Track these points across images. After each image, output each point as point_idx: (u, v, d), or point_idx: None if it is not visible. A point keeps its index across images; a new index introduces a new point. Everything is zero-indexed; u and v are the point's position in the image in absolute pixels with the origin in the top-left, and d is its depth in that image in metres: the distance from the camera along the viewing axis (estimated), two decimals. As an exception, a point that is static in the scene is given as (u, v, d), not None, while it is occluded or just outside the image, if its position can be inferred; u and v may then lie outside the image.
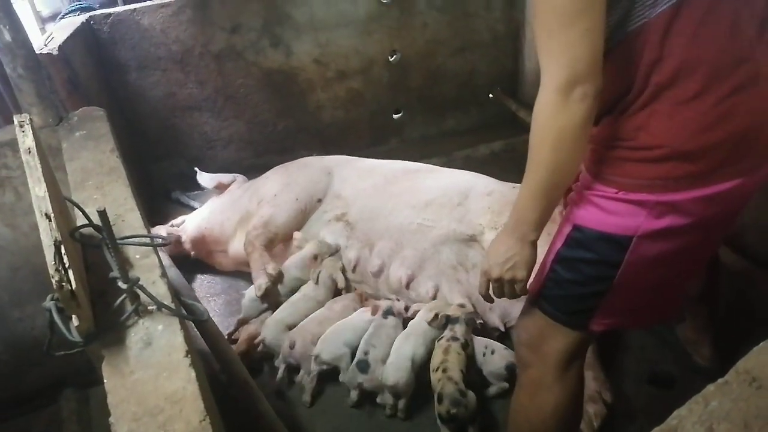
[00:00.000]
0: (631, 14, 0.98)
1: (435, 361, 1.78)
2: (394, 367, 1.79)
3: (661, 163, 1.00)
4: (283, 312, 2.07)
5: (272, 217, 2.32)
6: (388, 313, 1.97)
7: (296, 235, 2.33)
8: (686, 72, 0.97)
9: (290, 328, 2.01)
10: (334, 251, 2.25)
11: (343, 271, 2.21)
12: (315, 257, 2.22)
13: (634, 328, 1.81)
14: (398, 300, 2.07)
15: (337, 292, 2.18)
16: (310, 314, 2.06)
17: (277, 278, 2.15)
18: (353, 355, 1.88)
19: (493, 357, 1.85)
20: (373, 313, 1.99)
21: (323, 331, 1.95)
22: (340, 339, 1.91)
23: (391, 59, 3.10)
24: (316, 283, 2.14)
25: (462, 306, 1.95)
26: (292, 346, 1.91)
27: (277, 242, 2.33)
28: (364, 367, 1.82)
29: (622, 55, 1.00)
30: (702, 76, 0.97)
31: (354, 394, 1.84)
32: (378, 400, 1.83)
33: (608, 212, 1.07)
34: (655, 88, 0.99)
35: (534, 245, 1.12)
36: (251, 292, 2.13)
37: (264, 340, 1.99)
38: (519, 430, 1.35)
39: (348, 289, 2.21)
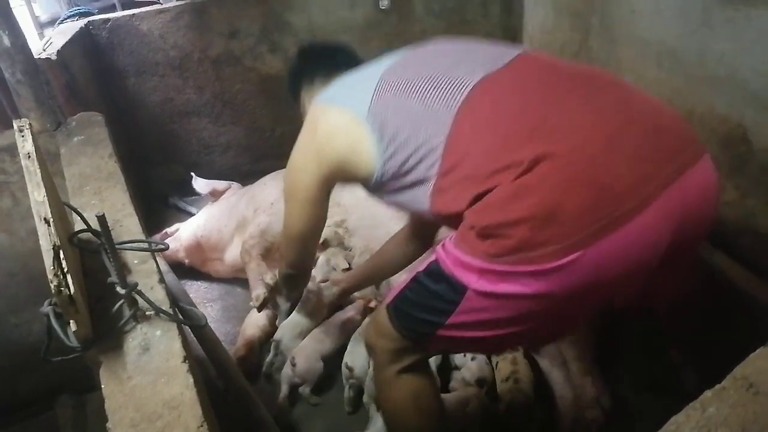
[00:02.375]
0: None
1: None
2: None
3: (482, 240, 1.05)
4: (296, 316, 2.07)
5: (269, 226, 2.31)
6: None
7: None
8: (470, 168, 1.10)
9: (304, 332, 2.02)
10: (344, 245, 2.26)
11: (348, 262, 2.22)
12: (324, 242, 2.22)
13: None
14: None
15: (338, 308, 2.16)
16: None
17: (275, 288, 2.14)
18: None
19: (472, 364, 1.82)
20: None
21: (325, 348, 1.94)
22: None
23: (389, 65, 3.10)
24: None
25: None
26: (293, 364, 1.88)
27: (275, 251, 2.33)
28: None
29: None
30: (486, 167, 1.08)
31: (346, 391, 1.83)
32: (364, 400, 1.82)
33: (455, 258, 1.11)
34: (453, 186, 1.13)
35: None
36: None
37: (281, 341, 1.98)
38: (385, 417, 1.47)
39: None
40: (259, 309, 2.05)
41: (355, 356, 1.85)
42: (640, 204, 1.00)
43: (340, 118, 1.31)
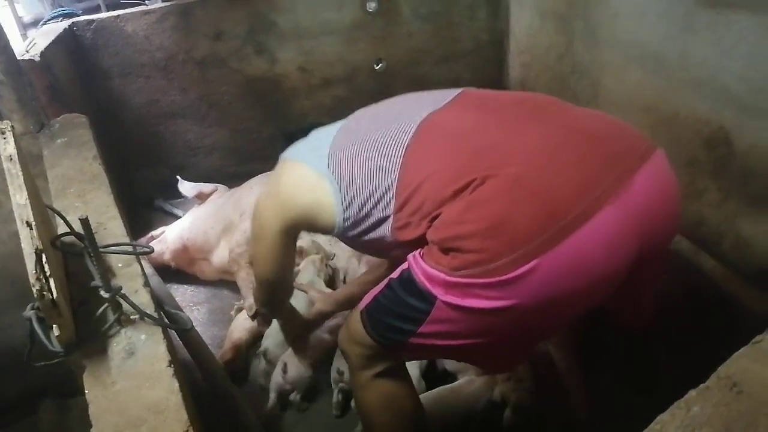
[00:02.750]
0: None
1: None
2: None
3: (444, 255, 1.09)
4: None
5: None
6: None
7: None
8: (420, 199, 1.15)
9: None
10: (325, 254, 2.24)
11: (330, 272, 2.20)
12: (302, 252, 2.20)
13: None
14: None
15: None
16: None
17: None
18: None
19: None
20: None
21: (315, 354, 1.92)
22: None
23: (376, 67, 3.11)
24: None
25: None
26: (284, 371, 1.86)
27: None
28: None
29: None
30: (432, 196, 1.13)
31: (335, 395, 1.81)
32: (353, 404, 1.81)
33: (423, 270, 1.14)
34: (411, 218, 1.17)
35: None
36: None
37: (267, 350, 1.95)
38: (361, 419, 1.51)
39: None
40: (253, 318, 2.05)
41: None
42: (589, 209, 1.02)
43: (302, 172, 1.37)
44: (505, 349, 1.22)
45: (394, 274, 1.22)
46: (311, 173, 1.34)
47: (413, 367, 1.76)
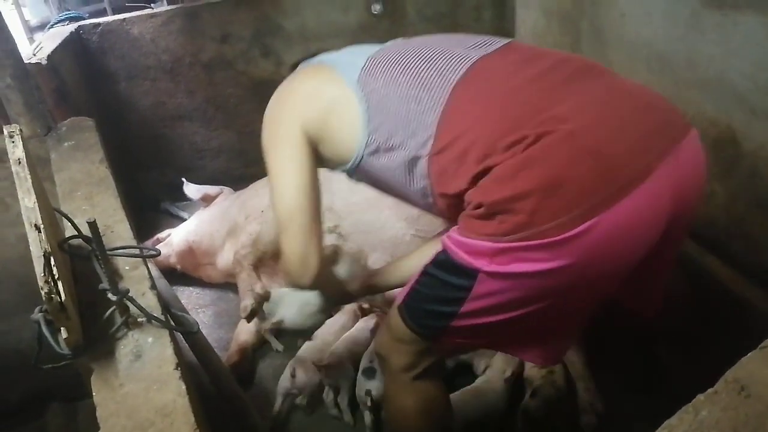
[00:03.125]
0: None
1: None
2: None
3: (489, 219, 1.04)
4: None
5: (260, 235, 2.31)
6: None
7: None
8: (477, 149, 1.06)
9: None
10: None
11: None
12: None
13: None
14: None
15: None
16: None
17: (264, 298, 2.14)
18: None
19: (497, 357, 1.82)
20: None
21: (323, 357, 1.92)
22: (345, 357, 1.88)
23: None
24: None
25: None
26: (293, 375, 1.86)
27: (267, 260, 2.33)
28: (371, 373, 1.79)
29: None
30: (490, 147, 1.04)
31: (367, 417, 1.74)
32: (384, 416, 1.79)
33: (462, 245, 1.09)
34: (458, 169, 1.09)
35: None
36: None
37: (283, 320, 1.93)
38: (392, 426, 1.41)
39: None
40: (248, 320, 2.04)
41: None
42: (643, 172, 1.00)
43: (329, 75, 1.25)
44: (550, 324, 1.18)
45: (428, 260, 1.18)
46: (339, 78, 1.23)
47: None
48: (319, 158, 1.29)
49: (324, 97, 1.24)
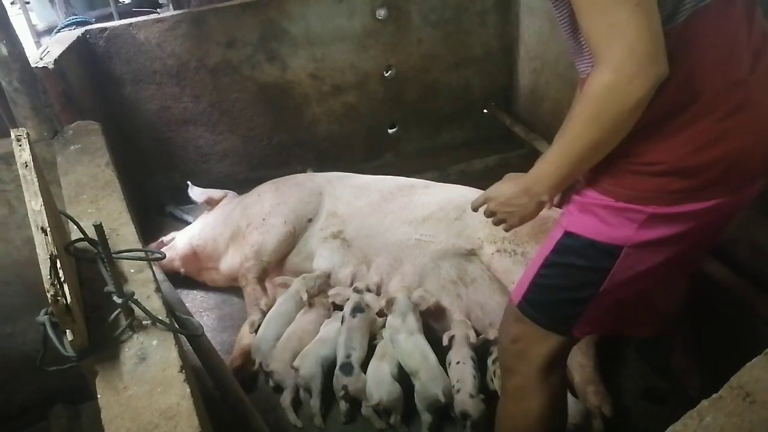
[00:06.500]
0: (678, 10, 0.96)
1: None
2: (375, 383, 1.78)
3: (658, 177, 1.04)
4: (265, 331, 2.05)
5: (263, 246, 2.32)
6: (356, 311, 1.97)
7: (277, 280, 2.30)
8: (690, 91, 1.00)
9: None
10: (323, 279, 2.23)
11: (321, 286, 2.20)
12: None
13: (613, 334, 1.77)
14: (366, 291, 2.07)
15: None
16: (283, 329, 2.04)
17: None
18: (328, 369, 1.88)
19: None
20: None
21: (303, 347, 1.94)
22: (317, 355, 1.90)
23: (386, 74, 3.12)
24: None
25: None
26: (295, 368, 1.87)
27: (271, 270, 2.35)
28: (348, 370, 1.81)
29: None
30: (704, 96, 1.00)
31: (342, 405, 1.81)
32: (363, 411, 1.82)
33: (601, 221, 1.09)
34: (661, 105, 0.99)
35: (540, 206, 1.16)
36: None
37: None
38: (505, 425, 1.37)
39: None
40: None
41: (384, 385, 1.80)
42: (758, 176, 1.09)
43: None
44: (658, 298, 1.28)
45: (544, 251, 1.17)
46: None
47: (386, 367, 1.81)
48: None
49: None
